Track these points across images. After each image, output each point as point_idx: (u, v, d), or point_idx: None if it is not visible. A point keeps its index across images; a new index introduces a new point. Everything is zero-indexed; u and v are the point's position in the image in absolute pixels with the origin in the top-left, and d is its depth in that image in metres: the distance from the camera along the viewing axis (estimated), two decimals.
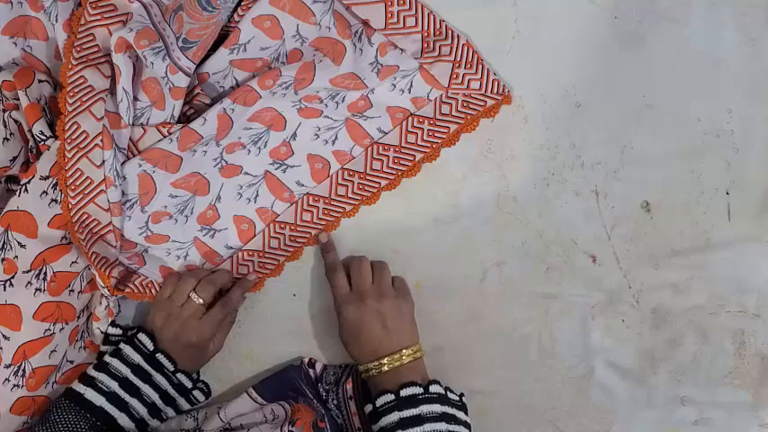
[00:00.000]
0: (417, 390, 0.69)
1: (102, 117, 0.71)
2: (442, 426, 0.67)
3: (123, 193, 0.75)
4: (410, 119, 0.78)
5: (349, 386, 0.77)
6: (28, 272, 0.71)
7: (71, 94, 0.71)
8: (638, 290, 0.81)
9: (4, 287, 0.70)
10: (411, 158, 0.79)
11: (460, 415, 0.70)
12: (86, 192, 0.73)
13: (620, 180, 0.80)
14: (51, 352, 0.72)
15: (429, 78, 0.77)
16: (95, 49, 0.72)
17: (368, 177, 0.79)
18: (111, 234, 0.75)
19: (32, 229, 0.71)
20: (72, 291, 0.74)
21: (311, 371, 0.80)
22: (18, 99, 0.71)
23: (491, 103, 0.77)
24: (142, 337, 0.73)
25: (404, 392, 0.69)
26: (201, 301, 0.74)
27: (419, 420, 0.67)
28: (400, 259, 0.81)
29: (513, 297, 0.81)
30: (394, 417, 0.68)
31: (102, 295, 0.76)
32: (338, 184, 0.80)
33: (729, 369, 0.80)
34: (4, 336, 0.70)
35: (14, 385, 0.71)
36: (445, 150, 0.79)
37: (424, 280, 0.81)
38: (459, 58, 0.76)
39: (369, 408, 0.71)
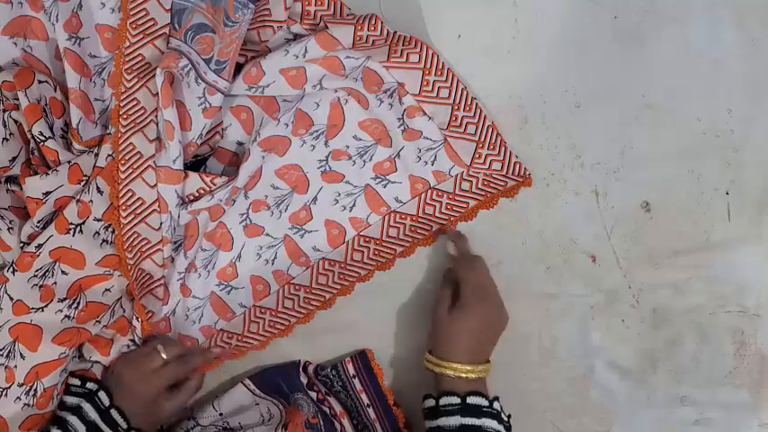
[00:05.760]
0: (483, 401, 0.69)
1: (155, 185, 0.73)
2: None
3: (175, 242, 0.77)
4: (429, 192, 0.79)
5: (350, 365, 0.79)
6: (63, 300, 0.72)
7: (122, 161, 0.72)
8: (638, 290, 0.81)
9: (35, 311, 0.71)
10: (428, 228, 0.80)
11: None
12: (143, 250, 0.74)
13: (620, 180, 0.80)
14: (62, 371, 0.73)
15: (452, 154, 0.78)
16: (141, 111, 0.73)
17: (384, 244, 0.80)
18: (160, 288, 0.77)
19: (81, 264, 0.73)
20: (98, 322, 0.74)
21: (303, 374, 0.80)
22: (18, 99, 0.71)
23: (511, 184, 0.78)
24: (101, 394, 0.74)
25: (470, 400, 0.69)
26: (165, 356, 0.75)
27: (480, 431, 0.68)
28: (400, 259, 0.81)
29: (513, 297, 0.81)
30: (455, 420, 0.68)
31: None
32: (354, 250, 0.80)
33: (729, 369, 0.80)
34: (21, 354, 0.71)
35: (25, 404, 0.71)
36: None
37: (425, 280, 0.81)
38: (482, 139, 0.77)
39: (430, 402, 0.71)
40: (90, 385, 0.76)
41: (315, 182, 0.79)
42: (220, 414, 0.79)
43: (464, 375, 0.70)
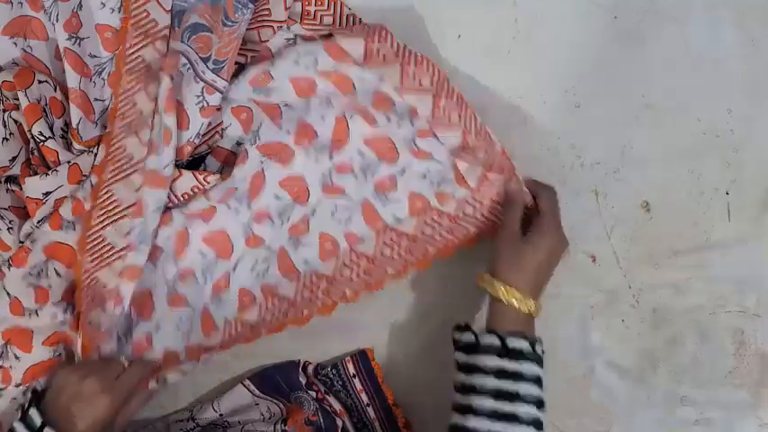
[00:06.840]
0: (525, 345, 0.65)
1: (139, 188, 0.72)
2: (535, 390, 0.65)
3: (161, 250, 0.75)
4: (430, 212, 0.77)
5: (350, 365, 0.79)
6: (58, 303, 0.72)
7: (112, 162, 0.72)
8: (638, 290, 0.81)
9: (30, 315, 0.71)
10: (423, 251, 0.77)
11: (543, 375, 0.67)
12: (104, 256, 0.73)
13: (620, 180, 0.80)
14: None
15: (458, 177, 0.75)
16: (137, 114, 0.72)
17: (375, 262, 0.77)
18: (111, 301, 0.73)
19: (72, 261, 0.73)
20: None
21: (303, 374, 0.80)
22: (18, 99, 0.71)
23: None
24: (32, 412, 0.66)
25: (511, 343, 0.65)
26: (126, 363, 0.70)
27: (519, 377, 0.64)
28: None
29: None
30: (493, 362, 0.65)
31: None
32: (344, 266, 0.78)
33: (729, 369, 0.80)
34: (15, 355, 0.71)
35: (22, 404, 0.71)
36: None
37: (425, 279, 0.81)
38: (491, 164, 0.74)
39: (469, 337, 0.67)
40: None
41: (315, 194, 0.78)
42: (220, 414, 0.79)
43: (517, 305, 0.66)
